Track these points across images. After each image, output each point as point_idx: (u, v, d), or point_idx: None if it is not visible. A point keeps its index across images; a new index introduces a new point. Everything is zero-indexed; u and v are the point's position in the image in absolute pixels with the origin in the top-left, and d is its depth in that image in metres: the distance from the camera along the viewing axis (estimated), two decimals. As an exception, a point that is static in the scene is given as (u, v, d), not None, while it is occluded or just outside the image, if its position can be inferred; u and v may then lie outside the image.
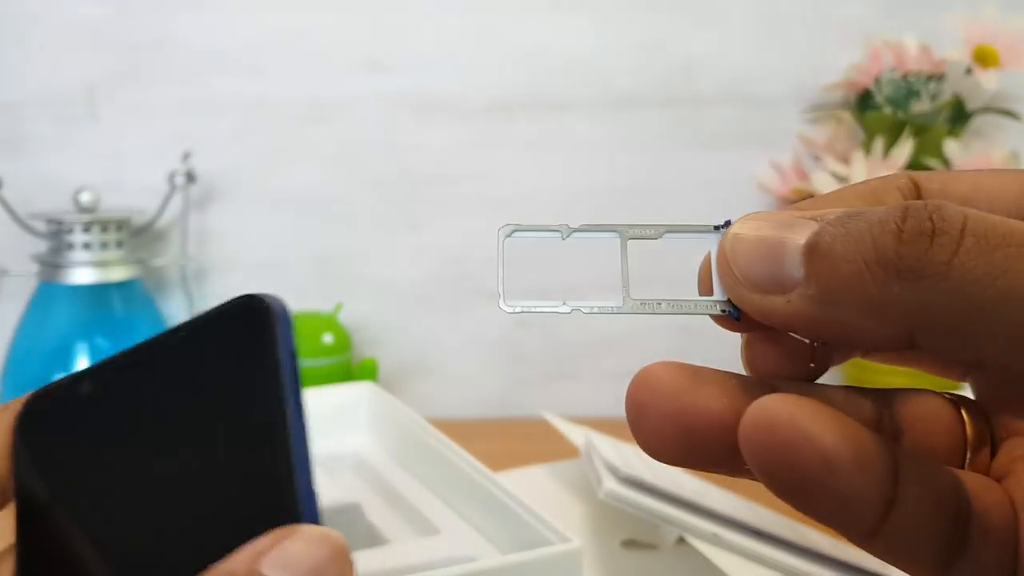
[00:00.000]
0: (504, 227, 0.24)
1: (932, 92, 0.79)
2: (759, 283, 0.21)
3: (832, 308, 0.20)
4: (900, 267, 0.19)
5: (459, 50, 0.83)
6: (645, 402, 0.21)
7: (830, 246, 0.19)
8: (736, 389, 0.21)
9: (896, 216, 0.19)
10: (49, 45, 0.81)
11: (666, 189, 0.85)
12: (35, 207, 0.79)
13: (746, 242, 0.21)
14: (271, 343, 0.26)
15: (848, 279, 0.19)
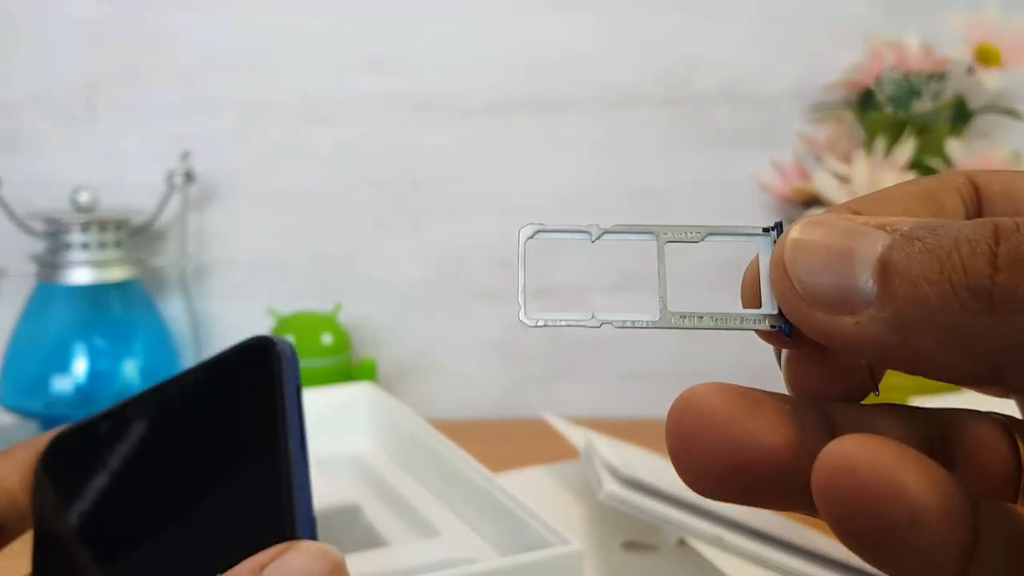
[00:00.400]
0: (526, 227, 0.21)
1: (933, 91, 0.79)
2: (824, 299, 0.18)
3: (908, 335, 0.17)
4: (994, 296, 0.16)
5: (459, 49, 0.83)
6: (691, 432, 0.19)
7: (908, 263, 0.17)
8: (792, 417, 0.19)
9: (987, 235, 0.17)
10: (47, 44, 0.81)
11: (667, 188, 0.85)
12: (33, 207, 0.79)
13: (810, 250, 0.18)
14: (278, 383, 0.28)
15: (930, 304, 0.17)
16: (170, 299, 0.84)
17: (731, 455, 0.19)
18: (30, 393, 0.76)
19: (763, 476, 0.19)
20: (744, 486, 0.19)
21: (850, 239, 0.18)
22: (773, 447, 0.19)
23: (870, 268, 0.18)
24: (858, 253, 0.18)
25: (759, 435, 0.19)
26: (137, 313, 0.79)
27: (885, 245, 0.18)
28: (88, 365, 0.76)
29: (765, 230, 0.20)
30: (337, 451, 0.61)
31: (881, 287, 0.18)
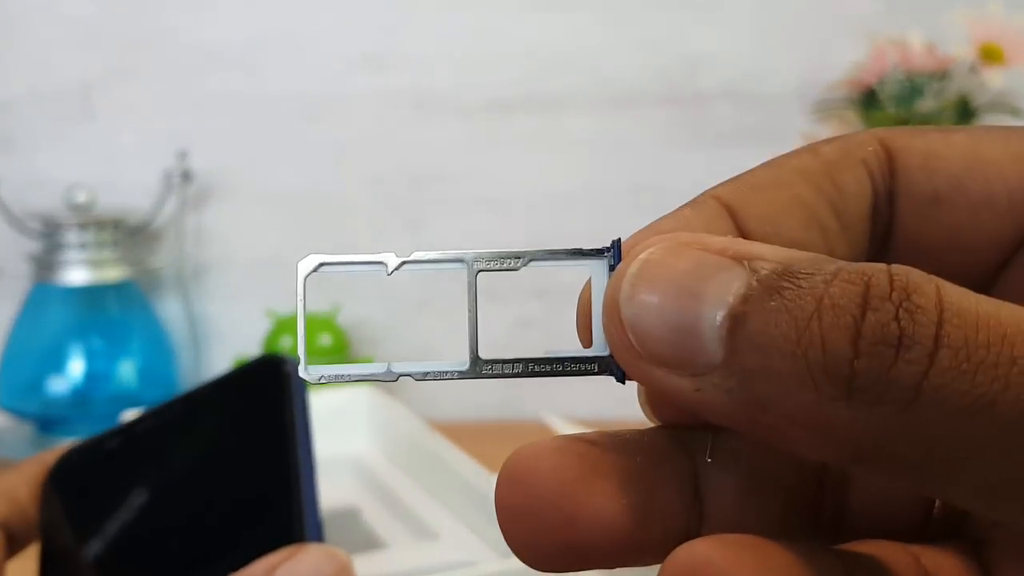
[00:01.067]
0: (305, 259, 0.18)
1: (937, 90, 0.79)
2: (661, 356, 0.15)
3: (756, 411, 0.15)
4: (853, 385, 0.14)
5: (458, 47, 0.83)
6: (518, 505, 0.16)
7: (762, 325, 0.14)
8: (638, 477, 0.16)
9: (855, 301, 0.14)
10: (43, 42, 0.81)
11: (667, 188, 0.85)
12: (29, 207, 0.78)
13: (649, 291, 0.15)
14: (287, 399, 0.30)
15: (782, 383, 0.14)
16: (167, 299, 0.84)
17: (563, 534, 0.16)
18: (26, 394, 0.75)
19: (605, 552, 0.16)
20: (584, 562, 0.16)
21: (697, 282, 0.15)
22: (611, 523, 0.16)
23: (716, 324, 0.15)
24: (705, 301, 0.15)
25: (594, 509, 0.16)
26: (134, 314, 0.79)
27: (737, 295, 0.15)
28: (85, 366, 0.75)
29: (600, 251, 0.17)
30: (336, 453, 0.60)
31: (728, 351, 0.15)
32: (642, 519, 0.16)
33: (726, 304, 0.15)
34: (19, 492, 0.33)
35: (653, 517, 0.16)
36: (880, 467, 0.15)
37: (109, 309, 0.78)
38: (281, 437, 0.30)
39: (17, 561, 0.33)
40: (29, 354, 0.76)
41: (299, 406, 0.30)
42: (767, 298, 0.14)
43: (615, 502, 0.16)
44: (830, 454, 0.15)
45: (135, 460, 0.33)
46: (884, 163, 0.18)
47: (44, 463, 0.33)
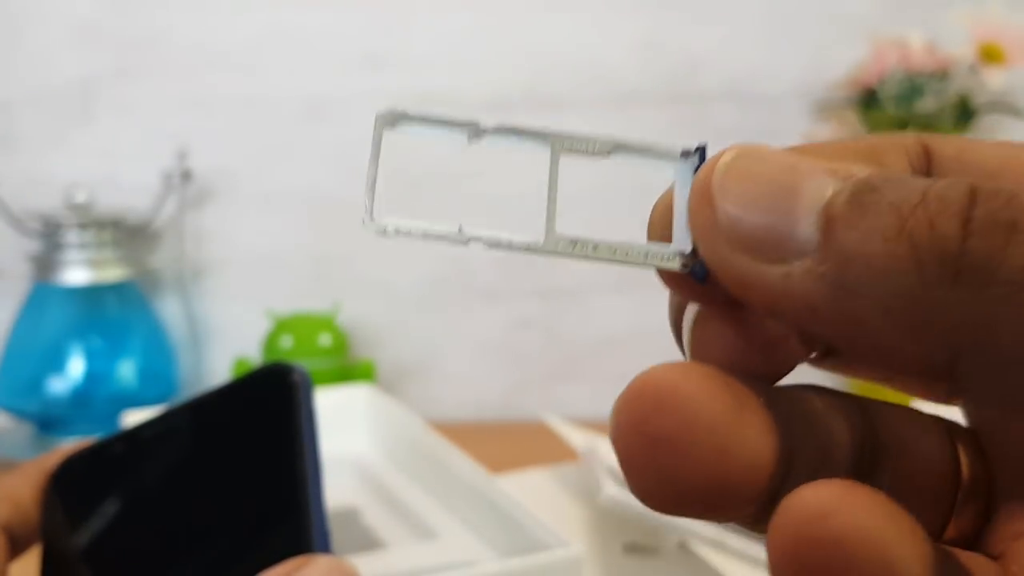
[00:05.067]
0: (386, 113, 0.17)
1: (937, 90, 0.79)
2: (752, 239, 0.15)
3: (847, 298, 0.14)
4: (962, 264, 0.13)
5: (458, 47, 0.83)
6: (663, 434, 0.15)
7: (863, 212, 0.14)
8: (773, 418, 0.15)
9: (962, 193, 0.14)
10: (42, 42, 0.81)
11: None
12: (29, 206, 0.78)
13: (746, 178, 0.15)
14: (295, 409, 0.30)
15: (882, 263, 0.14)
16: (167, 299, 0.84)
17: (713, 470, 0.15)
18: (26, 394, 0.75)
19: (740, 496, 0.15)
20: (723, 504, 0.15)
21: (795, 176, 0.15)
22: (761, 464, 0.15)
23: (815, 211, 0.14)
24: (803, 192, 0.15)
25: (750, 447, 0.15)
26: (134, 313, 0.79)
27: (836, 189, 0.14)
28: (84, 366, 0.75)
29: (685, 153, 0.17)
30: (335, 453, 0.60)
31: (825, 235, 0.14)
32: (781, 464, 0.15)
33: (825, 194, 0.14)
34: (21, 495, 0.33)
35: (783, 465, 0.15)
36: (981, 360, 0.14)
37: (109, 309, 0.78)
38: (288, 446, 0.29)
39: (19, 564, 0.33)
40: (29, 354, 0.76)
41: (306, 416, 0.30)
42: (868, 192, 0.14)
43: (767, 440, 0.15)
44: (920, 355, 0.14)
45: (139, 466, 0.32)
46: (922, 153, 0.18)
47: (46, 466, 0.33)
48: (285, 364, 0.31)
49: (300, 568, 0.25)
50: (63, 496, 0.33)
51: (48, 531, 0.33)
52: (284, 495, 0.29)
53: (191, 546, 0.30)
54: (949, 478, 0.17)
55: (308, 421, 0.30)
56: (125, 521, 0.32)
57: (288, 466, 0.29)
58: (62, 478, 0.33)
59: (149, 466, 0.32)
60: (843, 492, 0.14)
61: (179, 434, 0.32)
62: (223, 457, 0.31)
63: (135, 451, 0.33)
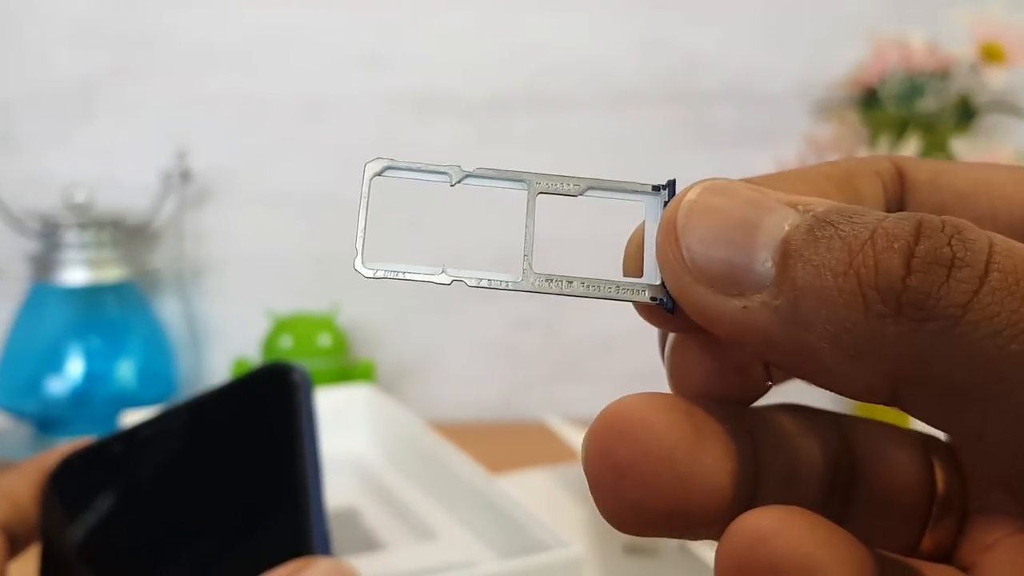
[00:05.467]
0: (373, 161, 0.18)
1: (938, 90, 0.79)
2: (712, 274, 0.16)
3: (800, 330, 0.15)
4: (903, 301, 0.14)
5: (458, 47, 0.83)
6: (624, 462, 0.16)
7: (815, 248, 0.15)
8: (733, 443, 0.16)
9: (907, 231, 0.15)
10: (42, 41, 0.81)
11: (668, 188, 0.85)
12: (28, 206, 0.78)
13: (707, 215, 0.16)
14: (295, 409, 0.29)
15: (831, 298, 0.15)
16: (166, 299, 0.84)
17: (673, 496, 0.16)
18: (25, 394, 0.75)
19: (707, 517, 0.16)
20: (684, 527, 0.16)
21: (755, 212, 0.16)
22: (720, 487, 0.16)
23: (771, 247, 0.15)
24: (762, 228, 0.15)
25: (707, 473, 0.16)
26: (133, 314, 0.78)
27: (793, 224, 0.15)
28: (84, 366, 0.75)
29: (656, 188, 0.18)
30: (335, 453, 0.60)
31: (780, 270, 0.15)
32: (741, 486, 0.16)
33: (782, 229, 0.15)
34: (20, 493, 0.33)
35: (745, 486, 0.16)
36: (920, 390, 0.15)
37: (108, 309, 0.78)
38: (288, 447, 0.29)
39: (18, 563, 0.33)
40: (28, 354, 0.76)
41: (306, 416, 0.30)
42: (821, 228, 0.15)
43: (724, 465, 0.16)
44: (868, 378, 0.15)
45: (137, 465, 0.32)
46: (895, 177, 0.19)
47: (45, 464, 0.33)
48: (285, 364, 0.31)
49: (301, 570, 0.25)
50: (62, 495, 0.33)
51: (47, 530, 0.33)
52: (284, 496, 0.29)
53: (190, 546, 0.30)
54: (924, 492, 0.18)
55: (308, 421, 0.30)
56: (124, 520, 0.32)
57: (288, 466, 0.29)
58: (61, 477, 0.33)
59: (148, 465, 0.32)
60: (783, 517, 0.15)
61: (178, 434, 0.32)
62: (222, 457, 0.31)
63: (134, 450, 0.32)
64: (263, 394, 0.31)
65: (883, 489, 0.18)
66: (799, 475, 0.17)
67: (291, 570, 0.25)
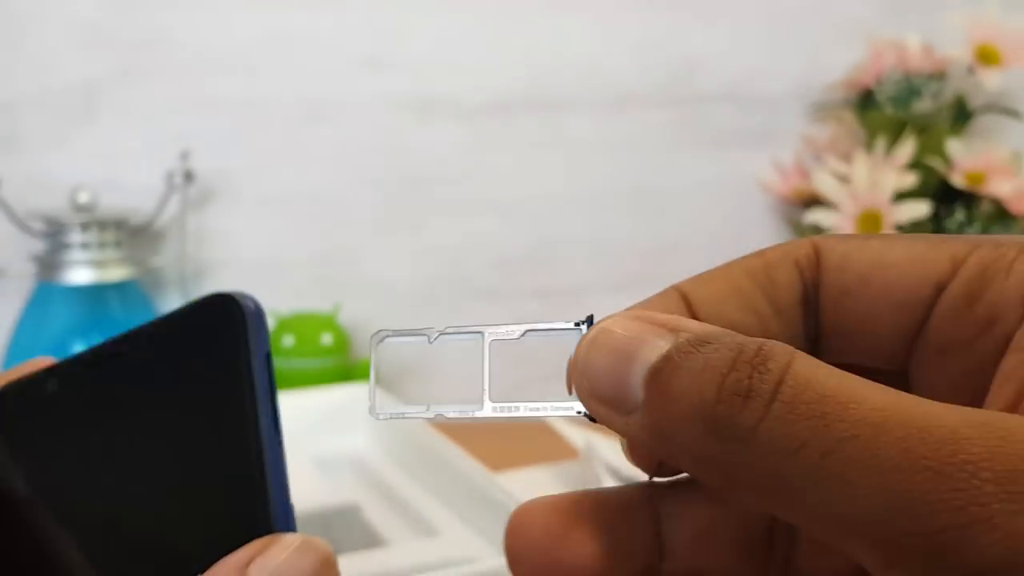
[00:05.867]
0: (375, 335, 0.25)
1: (934, 91, 0.79)
2: (604, 399, 0.20)
3: (663, 443, 0.19)
4: (715, 425, 0.18)
5: (459, 49, 0.83)
6: (517, 552, 0.21)
7: (668, 379, 0.18)
8: (611, 525, 0.21)
9: (726, 363, 0.18)
10: (45, 44, 0.81)
11: (667, 189, 0.85)
12: (32, 207, 0.79)
13: (598, 352, 0.20)
14: (243, 345, 0.25)
15: (676, 421, 0.18)
16: (170, 299, 0.84)
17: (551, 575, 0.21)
18: (29, 393, 0.76)
19: None
20: None
21: (632, 346, 0.19)
22: (587, 565, 0.21)
23: (642, 376, 0.19)
24: (636, 360, 0.19)
25: (573, 556, 0.21)
26: (137, 313, 0.79)
27: (660, 356, 0.19)
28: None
29: (577, 324, 0.23)
30: (337, 451, 0.61)
31: (646, 397, 0.19)
32: (612, 560, 0.21)
33: (650, 361, 0.19)
34: None
35: (622, 558, 0.21)
36: (742, 493, 0.18)
37: (112, 309, 0.78)
38: (238, 399, 0.24)
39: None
40: (32, 353, 0.76)
41: (259, 361, 0.25)
42: (677, 359, 0.18)
43: (589, 548, 0.21)
44: (711, 480, 0.19)
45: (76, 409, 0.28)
46: (813, 262, 0.22)
47: None
48: (229, 293, 0.26)
49: (264, 549, 0.22)
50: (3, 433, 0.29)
51: None
52: (237, 460, 0.24)
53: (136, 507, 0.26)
54: None
55: (262, 367, 0.25)
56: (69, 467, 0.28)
57: (239, 424, 0.24)
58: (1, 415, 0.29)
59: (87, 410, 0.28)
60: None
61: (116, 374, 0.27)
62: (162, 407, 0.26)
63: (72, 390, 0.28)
64: (205, 331, 0.26)
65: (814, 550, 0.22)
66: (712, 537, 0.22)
67: (253, 551, 0.22)
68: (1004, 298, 0.20)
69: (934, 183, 0.77)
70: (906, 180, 0.76)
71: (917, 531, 0.16)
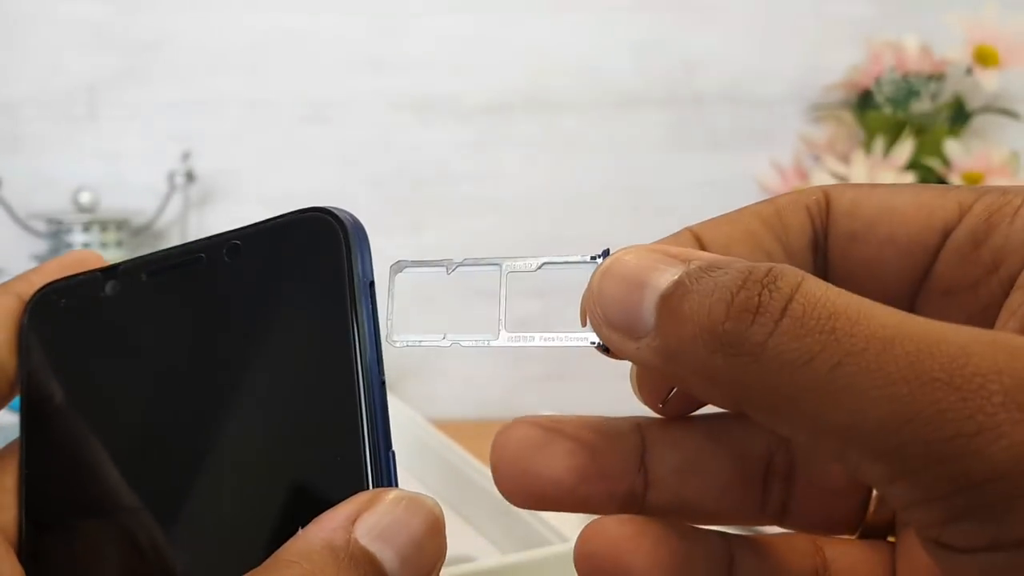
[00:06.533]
0: (394, 264, 0.24)
1: (932, 92, 0.79)
2: (616, 325, 0.20)
3: (671, 364, 0.19)
4: (723, 341, 0.18)
5: (459, 50, 0.83)
6: (496, 462, 0.22)
7: (679, 302, 0.19)
8: (589, 445, 0.22)
9: (735, 283, 0.18)
10: (48, 44, 0.81)
11: (666, 189, 0.85)
12: (34, 207, 0.79)
13: (611, 280, 0.20)
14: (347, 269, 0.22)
15: (685, 341, 0.19)
16: (171, 299, 0.84)
17: (523, 484, 0.22)
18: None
19: (555, 499, 0.22)
20: (544, 505, 0.23)
21: (644, 274, 0.20)
22: (556, 479, 0.22)
23: (654, 302, 0.19)
24: (648, 287, 0.20)
25: (543, 468, 0.22)
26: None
27: (671, 282, 0.19)
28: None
29: (593, 258, 0.22)
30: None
31: (657, 320, 0.19)
32: (582, 479, 0.22)
33: (661, 287, 0.19)
34: None
35: (592, 478, 0.22)
36: (749, 408, 0.19)
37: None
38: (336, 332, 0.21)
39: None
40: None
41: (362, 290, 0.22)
42: (688, 283, 0.19)
43: (559, 463, 0.22)
44: (720, 399, 0.20)
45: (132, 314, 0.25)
46: (823, 208, 0.23)
47: (18, 297, 0.26)
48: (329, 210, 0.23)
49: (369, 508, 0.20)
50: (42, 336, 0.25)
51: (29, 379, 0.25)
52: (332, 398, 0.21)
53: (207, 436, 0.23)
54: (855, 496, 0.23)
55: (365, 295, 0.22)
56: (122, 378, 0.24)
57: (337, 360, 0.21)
58: (41, 314, 0.25)
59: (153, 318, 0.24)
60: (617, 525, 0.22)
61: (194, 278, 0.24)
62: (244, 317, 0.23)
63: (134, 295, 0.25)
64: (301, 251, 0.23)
65: (820, 475, 0.23)
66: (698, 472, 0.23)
67: (358, 506, 0.20)
68: (1009, 241, 0.21)
69: (932, 183, 0.77)
70: (904, 180, 0.76)
71: (924, 438, 0.16)
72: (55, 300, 0.26)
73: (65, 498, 0.24)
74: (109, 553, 0.23)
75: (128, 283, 0.25)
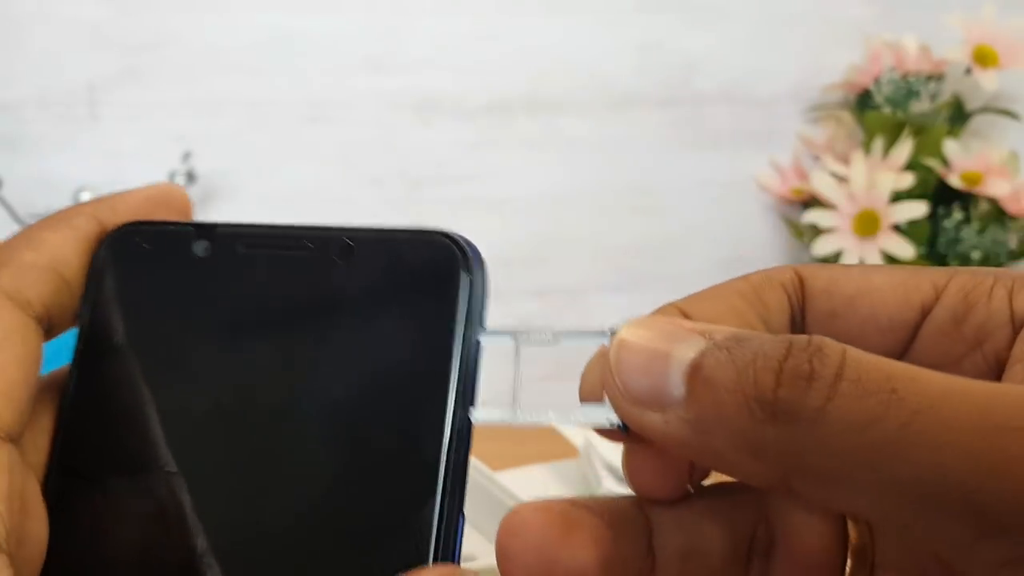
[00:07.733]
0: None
1: (931, 92, 0.80)
2: (639, 397, 0.20)
3: (708, 437, 0.19)
4: (776, 409, 0.18)
5: (459, 50, 0.84)
6: (511, 553, 0.21)
7: (713, 371, 0.19)
8: (608, 532, 0.21)
9: (779, 352, 0.18)
10: (49, 45, 0.81)
11: (666, 189, 0.86)
12: (35, 207, 0.79)
13: (631, 351, 0.20)
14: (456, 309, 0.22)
15: (726, 411, 0.18)
16: (172, 299, 0.84)
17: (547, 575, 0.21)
18: (32, 392, 0.76)
19: None
20: None
21: (668, 344, 0.19)
22: (583, 567, 0.21)
23: (682, 372, 0.19)
24: (674, 357, 0.19)
25: (569, 559, 0.21)
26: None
27: (699, 352, 0.19)
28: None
29: (612, 331, 0.22)
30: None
31: (689, 390, 0.19)
32: (606, 568, 0.21)
33: (689, 357, 0.19)
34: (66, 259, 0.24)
35: (615, 567, 0.21)
36: (805, 484, 0.18)
37: (114, 308, 0.78)
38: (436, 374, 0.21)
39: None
40: (35, 353, 0.77)
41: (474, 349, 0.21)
42: (719, 353, 0.19)
43: (586, 553, 0.21)
44: (764, 476, 0.19)
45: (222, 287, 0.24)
46: (797, 287, 0.23)
47: (99, 223, 0.24)
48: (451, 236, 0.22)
49: None
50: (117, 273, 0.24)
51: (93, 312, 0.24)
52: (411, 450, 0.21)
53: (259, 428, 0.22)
54: (838, 550, 0.22)
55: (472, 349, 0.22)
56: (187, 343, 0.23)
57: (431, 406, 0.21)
58: (120, 250, 0.24)
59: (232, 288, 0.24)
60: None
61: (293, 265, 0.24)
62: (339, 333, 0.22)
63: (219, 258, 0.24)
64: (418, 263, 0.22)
65: (799, 551, 0.22)
66: (700, 550, 0.22)
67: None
68: (991, 319, 0.21)
69: (931, 183, 0.78)
70: (904, 180, 0.76)
71: (1013, 491, 0.16)
72: (138, 242, 0.24)
73: (103, 448, 0.23)
74: (135, 514, 0.22)
75: (222, 249, 0.25)
